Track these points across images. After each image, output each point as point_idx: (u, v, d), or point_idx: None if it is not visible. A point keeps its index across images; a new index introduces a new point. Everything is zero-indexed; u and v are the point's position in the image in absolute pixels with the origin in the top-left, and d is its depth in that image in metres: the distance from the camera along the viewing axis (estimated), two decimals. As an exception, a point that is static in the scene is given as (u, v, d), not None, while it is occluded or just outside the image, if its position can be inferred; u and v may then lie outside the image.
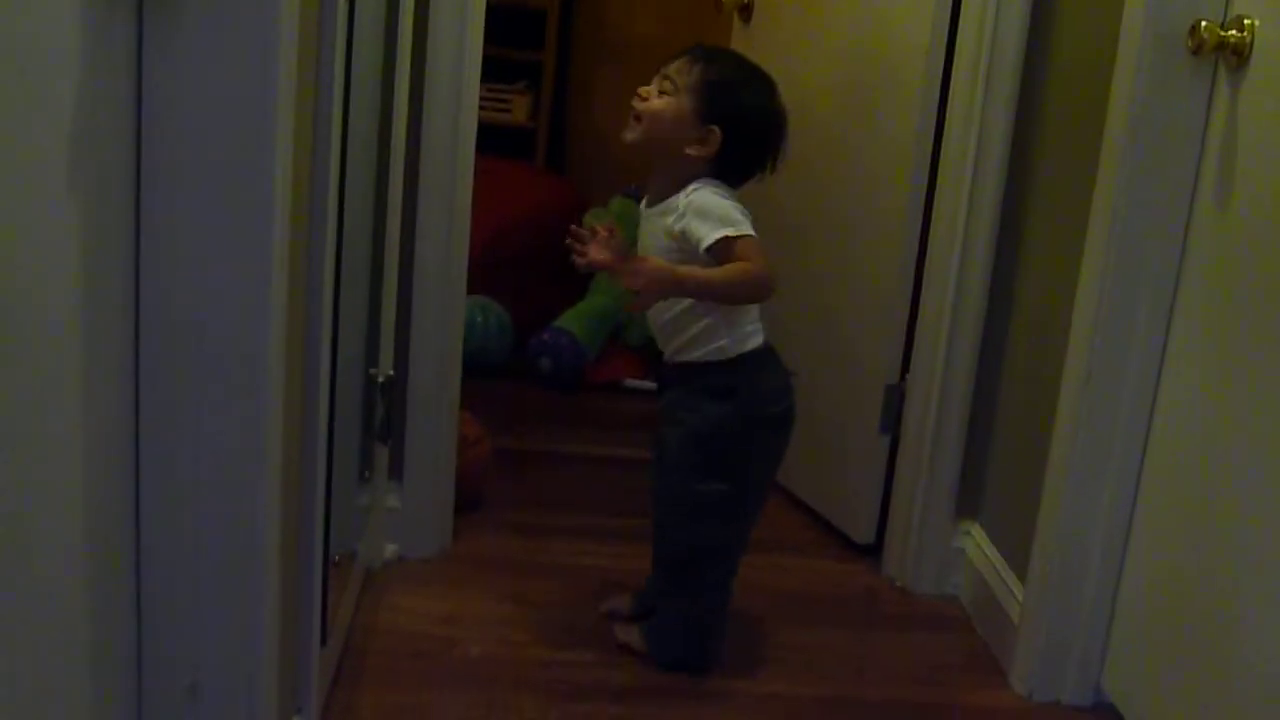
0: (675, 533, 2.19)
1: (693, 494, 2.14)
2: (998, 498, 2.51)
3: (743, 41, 3.09)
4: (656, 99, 2.10)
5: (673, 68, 2.10)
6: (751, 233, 2.04)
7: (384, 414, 2.35)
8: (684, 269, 2.02)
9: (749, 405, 2.12)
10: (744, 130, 2.09)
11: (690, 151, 2.08)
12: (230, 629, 1.35)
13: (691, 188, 2.07)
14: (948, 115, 2.46)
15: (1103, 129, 2.05)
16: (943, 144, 2.48)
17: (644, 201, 2.18)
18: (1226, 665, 1.85)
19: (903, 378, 2.61)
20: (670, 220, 2.07)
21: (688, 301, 2.09)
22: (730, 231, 2.02)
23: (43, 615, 1.09)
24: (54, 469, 1.09)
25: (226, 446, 1.30)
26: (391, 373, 2.36)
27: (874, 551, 2.69)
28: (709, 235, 2.02)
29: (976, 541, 2.53)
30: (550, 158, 4.64)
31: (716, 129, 2.06)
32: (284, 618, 1.49)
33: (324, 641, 1.80)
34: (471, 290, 2.49)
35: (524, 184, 4.15)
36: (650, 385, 3.66)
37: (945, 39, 2.46)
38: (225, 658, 1.35)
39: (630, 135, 2.12)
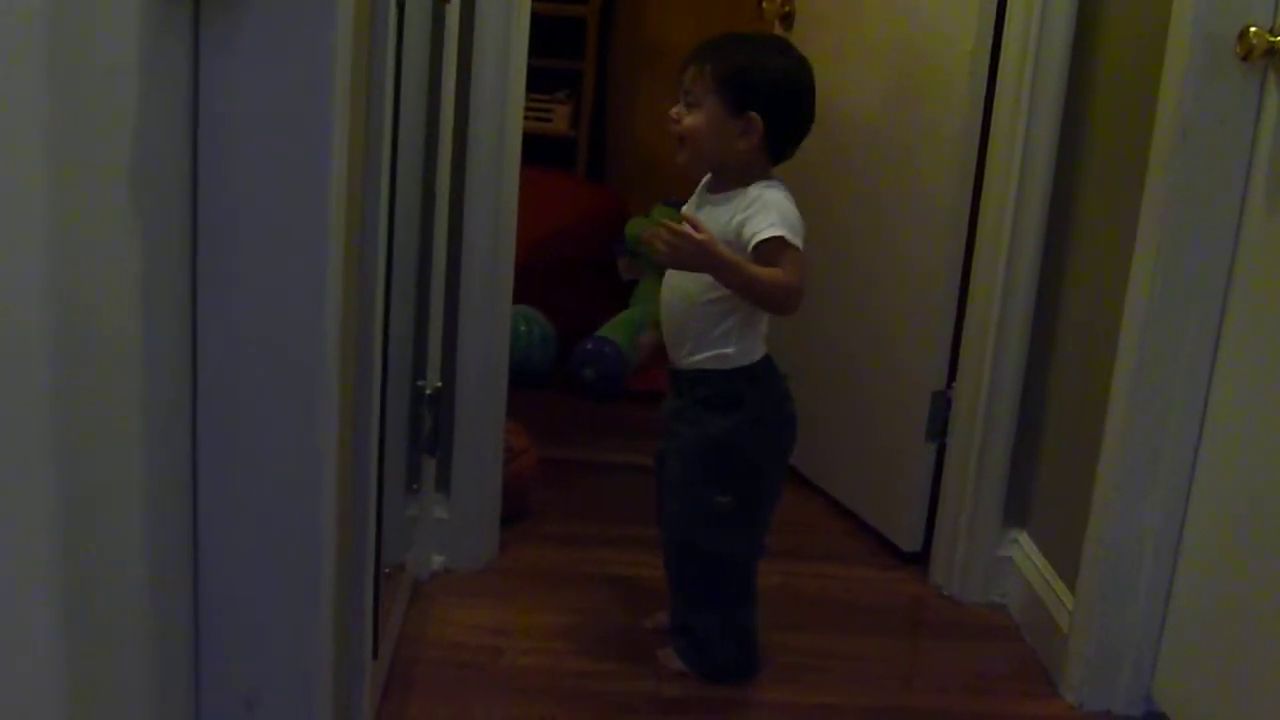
0: (697, 549, 2.17)
1: (704, 508, 2.14)
2: (1046, 505, 2.49)
3: (784, 49, 3.08)
4: (688, 116, 2.10)
5: (687, 79, 2.10)
6: (799, 243, 2.04)
7: (431, 426, 2.36)
8: (729, 253, 2.02)
9: (759, 413, 2.13)
10: (777, 102, 2.08)
11: (740, 145, 2.07)
12: (288, 642, 1.36)
13: (761, 184, 2.08)
14: (993, 118, 2.45)
15: (1150, 132, 2.04)
16: (988, 147, 2.47)
17: (703, 188, 2.17)
18: (1282, 674, 1.83)
19: (949, 385, 2.60)
20: (731, 213, 2.07)
21: (715, 296, 2.07)
22: (786, 234, 2.01)
23: (102, 631, 1.09)
24: (113, 481, 1.10)
25: (284, 460, 1.31)
26: (439, 384, 2.37)
27: (921, 560, 2.68)
28: (767, 230, 2.01)
29: (1024, 550, 2.52)
30: (591, 166, 4.65)
31: (754, 115, 2.06)
32: (338, 630, 1.50)
33: (375, 653, 1.81)
34: (514, 300, 2.50)
35: (565, 193, 4.16)
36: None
37: (990, 41, 2.45)
38: (283, 671, 1.36)
39: (682, 159, 2.13)
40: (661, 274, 3.39)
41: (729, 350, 2.10)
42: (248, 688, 1.36)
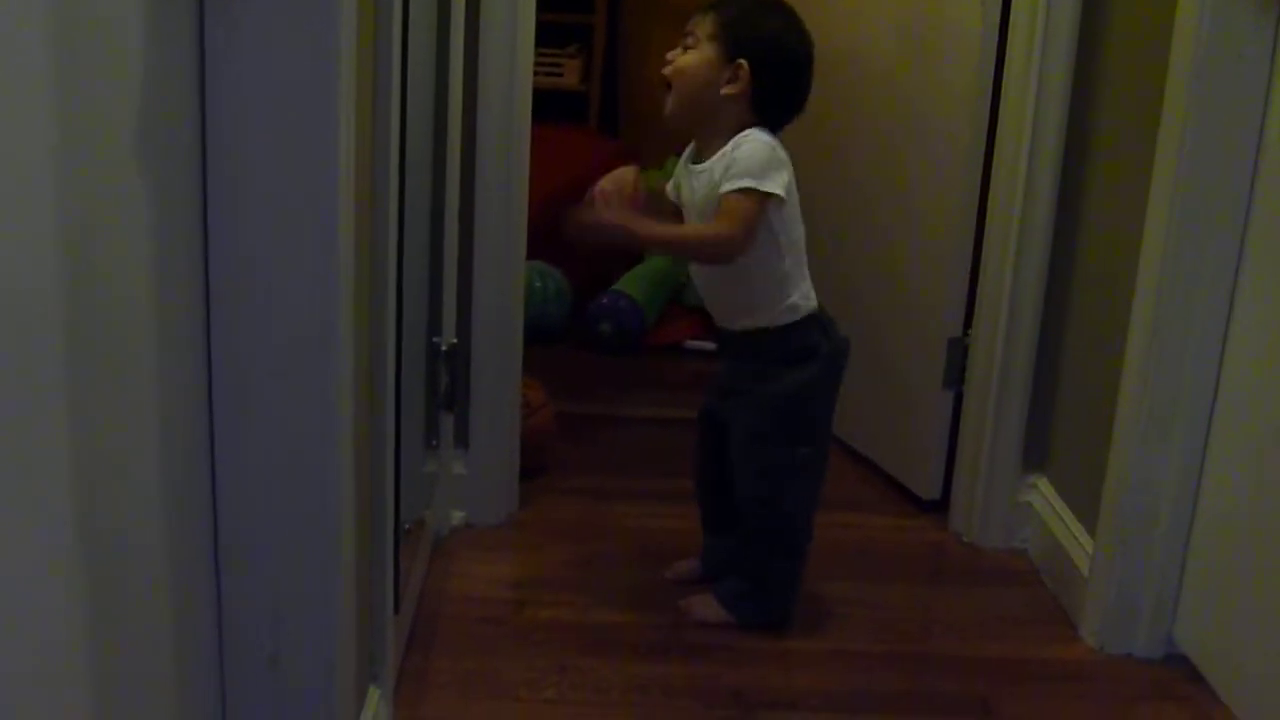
0: (774, 504, 2.19)
1: (788, 462, 2.16)
2: (1064, 450, 2.49)
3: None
4: (681, 56, 2.11)
5: (692, 24, 2.11)
6: (774, 190, 2.02)
7: (448, 382, 2.37)
8: (644, 227, 2.04)
9: (833, 361, 2.15)
10: (770, 57, 2.08)
11: (725, 92, 2.07)
12: (309, 600, 1.36)
13: (741, 135, 2.06)
14: (1007, 63, 2.43)
15: (1165, 76, 2.02)
16: (1002, 93, 2.45)
17: (685, 157, 2.17)
18: (1302, 614, 1.83)
19: (966, 331, 2.59)
20: (715, 172, 2.06)
21: (732, 268, 2.07)
22: (747, 183, 2.00)
23: (124, 592, 1.10)
24: (131, 442, 1.11)
25: (300, 418, 1.31)
26: (454, 341, 2.37)
27: (940, 507, 2.68)
28: (734, 183, 2.01)
29: (1044, 494, 2.52)
30: (602, 121, 4.63)
31: (743, 61, 2.05)
32: (359, 587, 1.51)
33: (397, 609, 1.82)
34: (528, 256, 2.50)
35: (578, 148, 4.14)
36: (711, 346, 3.66)
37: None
38: (305, 628, 1.37)
39: (669, 106, 2.14)
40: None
41: (795, 299, 2.11)
42: (270, 645, 1.37)
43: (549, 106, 2.67)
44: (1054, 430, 2.53)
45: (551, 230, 3.26)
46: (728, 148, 2.06)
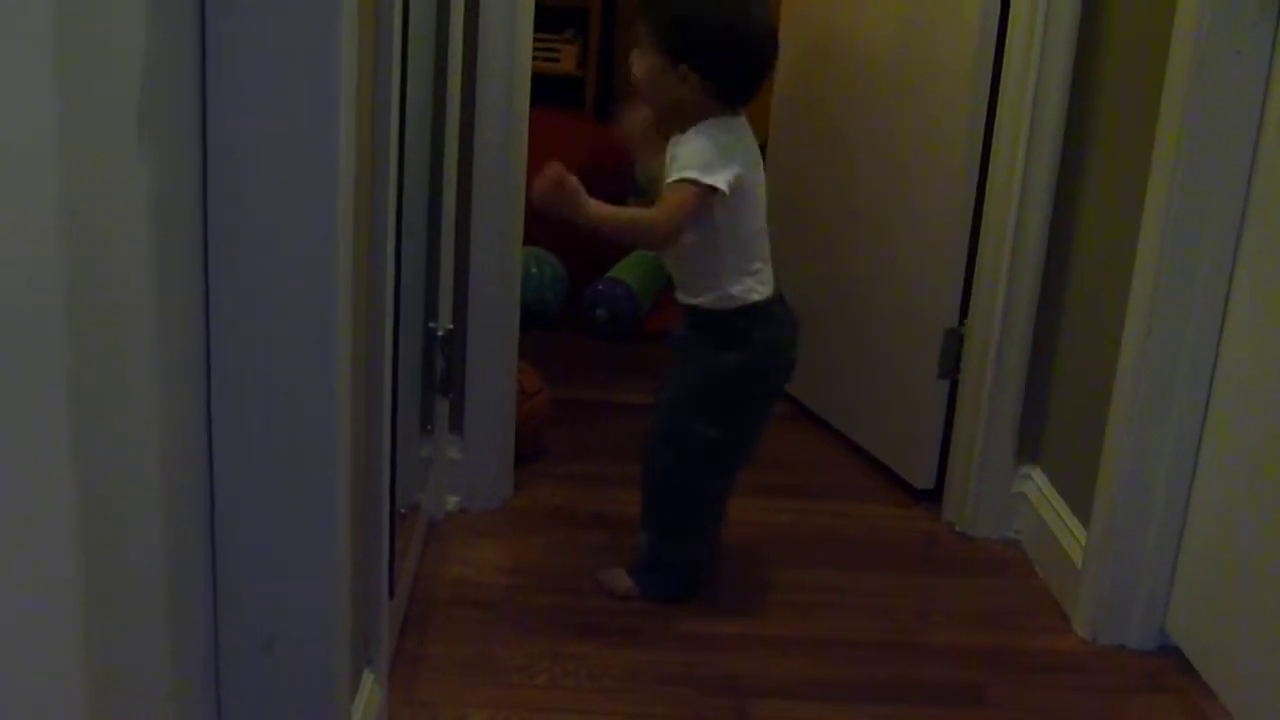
0: (664, 472, 2.22)
1: (689, 437, 2.17)
2: (1058, 441, 2.49)
3: (794, -15, 3.06)
4: (636, 64, 2.12)
5: (637, 25, 2.12)
6: (714, 183, 2.01)
7: (444, 367, 2.36)
8: (589, 201, 2.05)
9: (761, 357, 2.15)
10: (715, 49, 2.06)
11: (680, 94, 2.07)
12: (305, 583, 1.37)
13: (694, 130, 2.07)
14: (1006, 53, 2.43)
15: (1165, 66, 2.02)
16: (1001, 82, 2.45)
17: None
18: (1295, 607, 1.84)
19: (961, 321, 2.59)
20: (667, 162, 2.09)
21: (681, 246, 2.09)
22: (688, 174, 2.02)
23: (120, 574, 1.10)
24: (129, 425, 1.11)
25: (298, 402, 1.31)
26: (451, 326, 2.37)
27: (934, 497, 2.68)
28: (672, 175, 2.04)
29: (1037, 485, 2.52)
30: (598, 105, 4.62)
31: (685, 67, 2.05)
32: (355, 571, 1.51)
33: (392, 594, 1.82)
34: (525, 242, 2.50)
35: (574, 133, 4.13)
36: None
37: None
38: (300, 612, 1.37)
39: (643, 111, 2.16)
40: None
41: (731, 290, 2.11)
42: (266, 629, 1.37)
43: (545, 91, 2.66)
44: (1048, 421, 2.53)
45: (547, 216, 3.26)
46: (677, 139, 2.09)
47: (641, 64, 2.10)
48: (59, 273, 0.93)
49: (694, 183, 2.01)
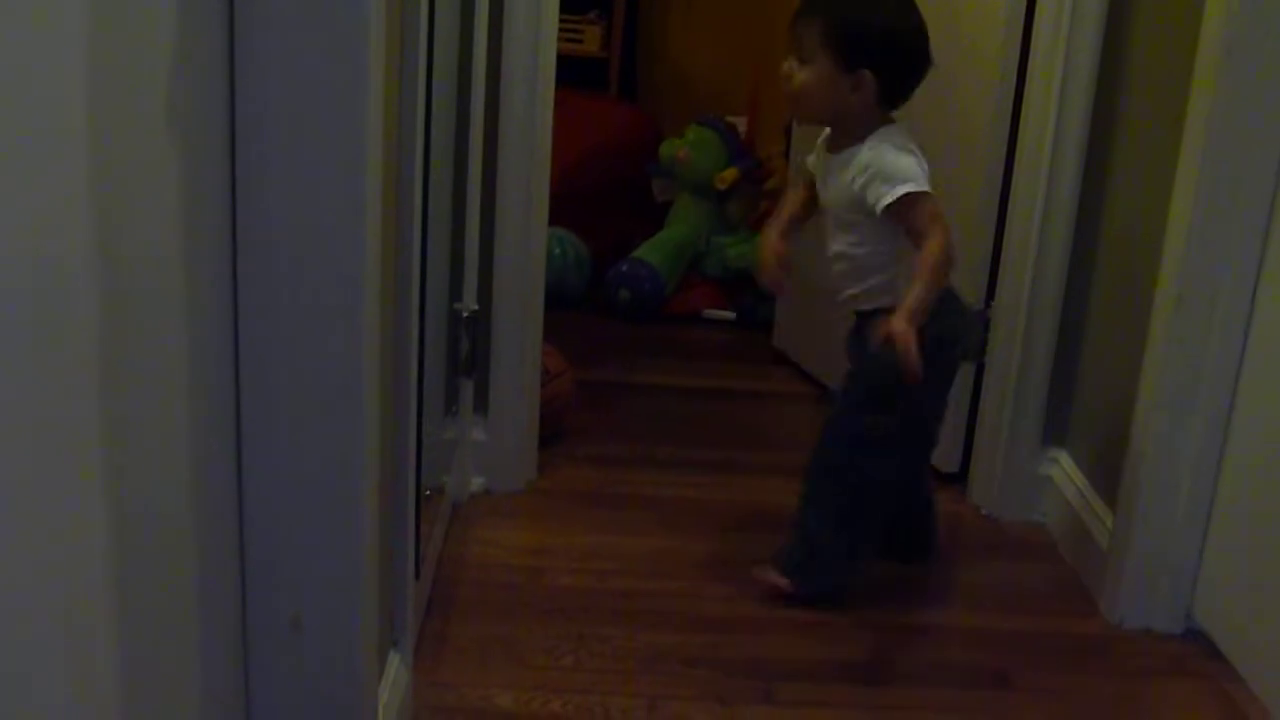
0: (852, 469, 2.15)
1: (876, 429, 2.13)
2: (1085, 424, 2.48)
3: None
4: (798, 72, 2.06)
5: (798, 32, 2.06)
6: (929, 189, 2.01)
7: (469, 348, 2.36)
8: (908, 303, 1.96)
9: (938, 336, 2.04)
10: (890, 59, 2.05)
11: (853, 100, 2.05)
12: (331, 564, 1.36)
13: (871, 141, 2.05)
14: (1033, 32, 2.42)
15: (1195, 42, 2.01)
16: (1028, 63, 2.43)
17: (823, 146, 2.16)
18: (1324, 591, 1.83)
19: (988, 303, 2.58)
20: (849, 177, 2.06)
21: (859, 255, 2.09)
22: (912, 188, 2.00)
23: (148, 554, 1.10)
24: (157, 407, 1.11)
25: (324, 383, 1.31)
26: (475, 307, 2.37)
27: (960, 479, 2.68)
28: (888, 195, 2.00)
29: (1064, 468, 2.51)
30: (622, 87, 4.61)
31: (865, 71, 2.03)
32: (381, 553, 1.51)
33: (417, 575, 1.83)
34: (549, 223, 2.49)
35: (598, 115, 4.14)
36: (730, 315, 3.66)
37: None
38: (327, 592, 1.37)
39: (794, 117, 2.13)
40: (694, 194, 3.41)
41: (898, 289, 2.06)
42: (293, 608, 1.37)
43: (569, 72, 2.66)
44: (1075, 404, 2.52)
45: (571, 196, 3.26)
46: (863, 152, 2.04)
47: (808, 73, 2.04)
48: (89, 265, 0.92)
49: (914, 194, 1.99)
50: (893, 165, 2.02)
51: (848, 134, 2.08)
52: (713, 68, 4.47)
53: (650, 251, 3.70)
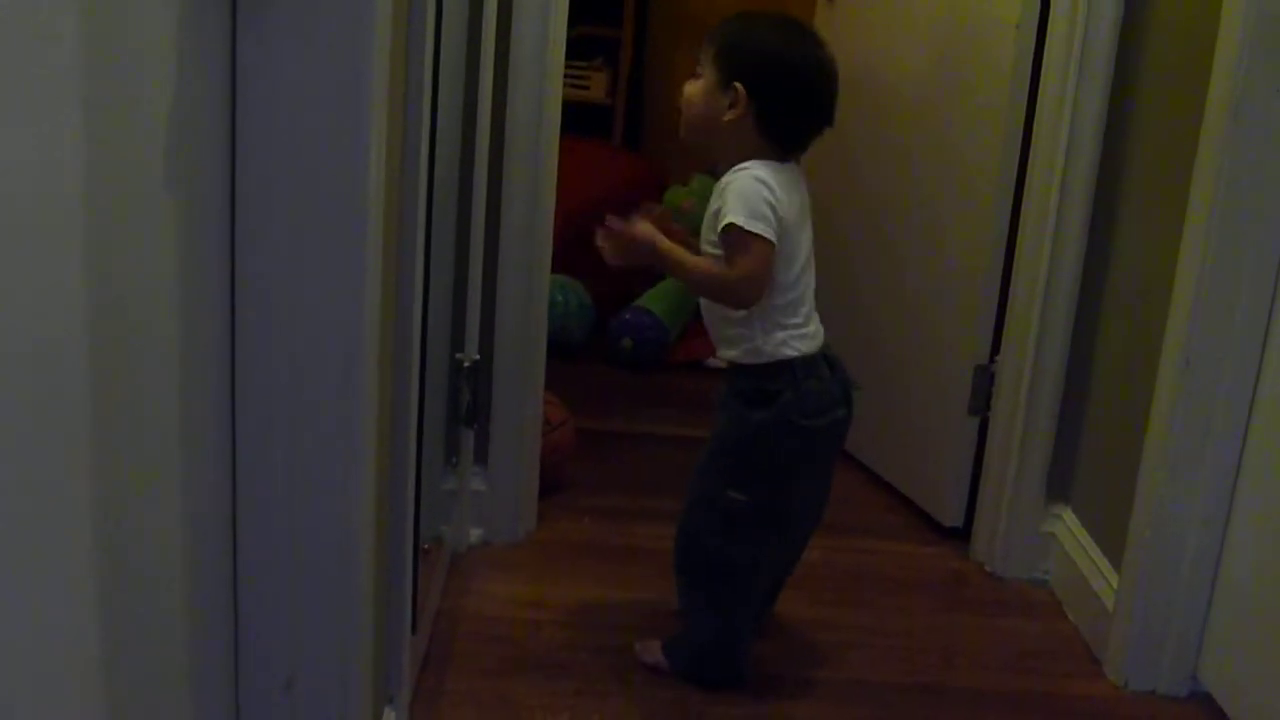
0: (700, 539, 2.08)
1: (722, 501, 2.04)
2: (1090, 481, 2.46)
3: (827, 22, 3.05)
4: (688, 87, 2.06)
5: (700, 51, 2.05)
6: (766, 235, 1.92)
7: (469, 398, 2.35)
8: (669, 246, 1.99)
9: (788, 413, 1.97)
10: (768, 74, 1.98)
11: (727, 118, 1.98)
12: (326, 622, 1.34)
13: (739, 167, 1.98)
14: (1040, 92, 2.41)
15: (1202, 107, 2.00)
16: (1035, 121, 2.43)
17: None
18: (1333, 657, 1.80)
19: (992, 358, 2.57)
20: (714, 205, 1.99)
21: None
22: (739, 220, 1.91)
23: (140, 613, 1.08)
24: (151, 460, 1.09)
25: (322, 438, 1.29)
26: (477, 357, 2.36)
27: (962, 535, 2.66)
28: (725, 218, 1.93)
29: (1068, 525, 2.49)
30: (628, 134, 4.62)
31: (738, 85, 1.97)
32: (377, 608, 1.49)
33: (414, 629, 1.80)
34: (551, 270, 2.48)
35: (602, 162, 4.14)
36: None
37: (1037, 14, 2.42)
38: (321, 651, 1.35)
39: (682, 132, 2.10)
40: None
41: (755, 344, 1.99)
42: (286, 668, 1.35)
43: (573, 119, 2.65)
44: (1079, 460, 2.50)
45: (574, 244, 3.25)
46: (725, 177, 1.99)
47: (694, 85, 2.04)
48: (83, 311, 0.91)
49: (742, 230, 1.91)
50: (744, 191, 1.94)
51: (726, 161, 2.02)
52: (718, 116, 4.47)
53: (653, 300, 3.69)
